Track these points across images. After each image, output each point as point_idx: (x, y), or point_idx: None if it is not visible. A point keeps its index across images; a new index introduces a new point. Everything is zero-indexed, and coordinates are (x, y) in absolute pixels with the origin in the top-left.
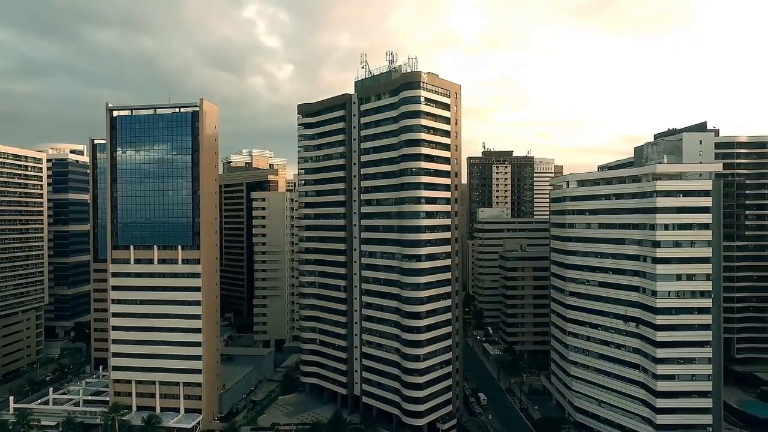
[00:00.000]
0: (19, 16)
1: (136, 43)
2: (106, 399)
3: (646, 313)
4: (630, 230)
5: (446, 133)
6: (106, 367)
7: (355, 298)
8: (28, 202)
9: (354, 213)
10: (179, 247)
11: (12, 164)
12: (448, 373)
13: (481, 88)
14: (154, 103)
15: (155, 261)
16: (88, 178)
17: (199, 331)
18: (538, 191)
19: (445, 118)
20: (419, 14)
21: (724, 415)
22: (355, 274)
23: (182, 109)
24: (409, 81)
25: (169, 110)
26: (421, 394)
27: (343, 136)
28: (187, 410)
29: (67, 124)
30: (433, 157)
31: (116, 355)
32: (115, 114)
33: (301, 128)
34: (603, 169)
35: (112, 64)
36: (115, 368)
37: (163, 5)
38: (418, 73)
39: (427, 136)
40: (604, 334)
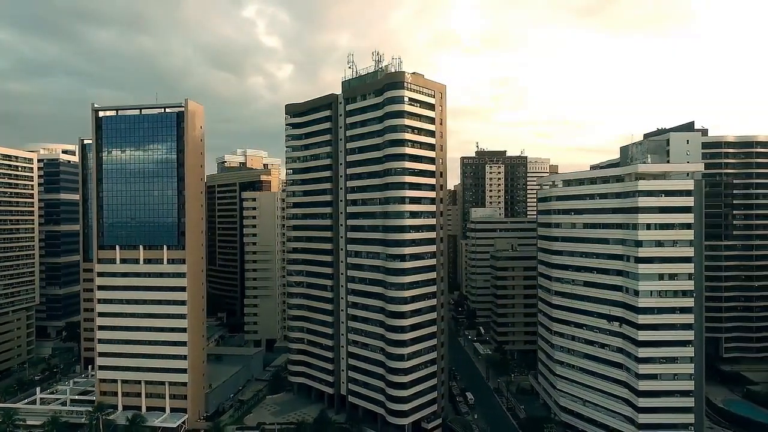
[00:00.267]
0: (19, 16)
1: (136, 43)
2: (93, 399)
3: (629, 312)
4: (613, 230)
5: (431, 133)
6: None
7: (341, 298)
8: (18, 202)
9: (341, 213)
10: (164, 247)
11: (2, 164)
12: (433, 373)
13: (481, 88)
14: (143, 103)
15: (141, 261)
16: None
17: (184, 331)
18: (531, 191)
19: (430, 118)
20: (419, 14)
21: (710, 415)
22: (341, 274)
23: (168, 110)
24: (393, 81)
25: (154, 110)
26: (406, 394)
27: (330, 136)
28: (172, 409)
29: (67, 124)
30: (418, 157)
31: (102, 355)
32: (101, 114)
33: (289, 128)
34: (595, 169)
35: (112, 64)
36: (101, 368)
37: (163, 5)
38: (402, 73)
39: (411, 136)
40: (589, 333)
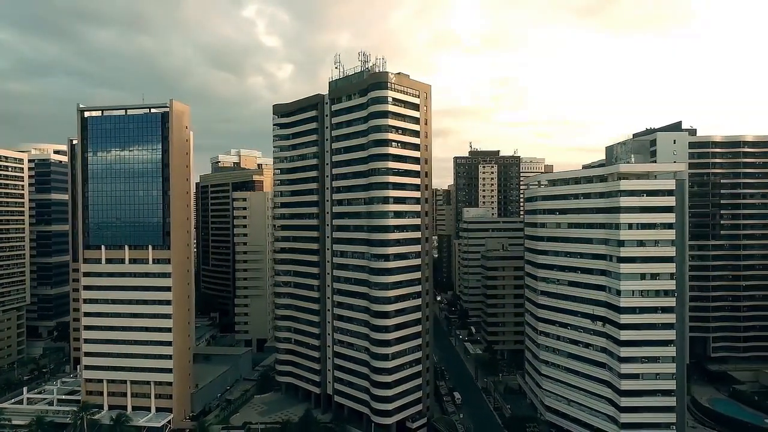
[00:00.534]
0: (19, 16)
1: (136, 43)
2: (80, 398)
3: (612, 312)
4: (597, 230)
5: (415, 133)
6: None
7: (328, 298)
8: (8, 202)
9: (327, 213)
10: (150, 246)
11: None
12: (418, 372)
13: (481, 88)
14: (134, 103)
15: (126, 261)
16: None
17: (169, 331)
18: (525, 191)
19: (414, 118)
20: (419, 14)
21: (696, 414)
22: (328, 274)
23: (153, 110)
24: (377, 81)
25: (140, 111)
26: (390, 393)
27: (317, 137)
28: (158, 409)
29: (67, 125)
30: (402, 157)
31: (88, 355)
32: (86, 114)
33: (277, 128)
34: (587, 169)
35: (112, 64)
36: (87, 367)
37: (163, 5)
38: (386, 74)
39: (395, 136)
40: (574, 333)
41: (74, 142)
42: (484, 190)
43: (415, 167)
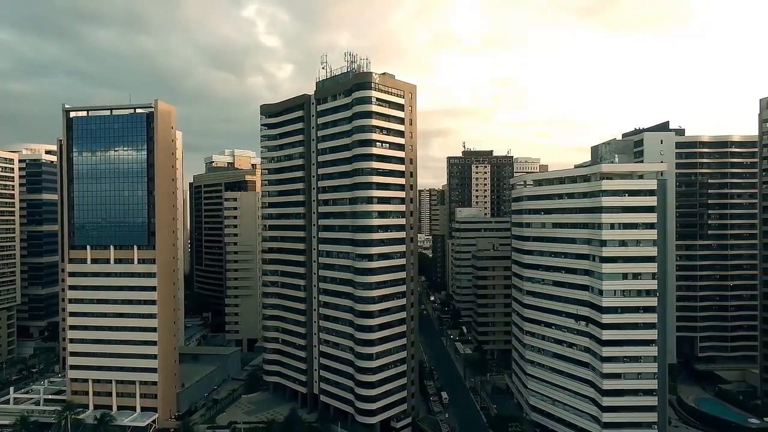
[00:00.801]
0: (19, 16)
1: (136, 43)
2: (66, 398)
3: (594, 311)
4: (580, 229)
5: (400, 134)
6: None
7: (314, 298)
8: None
9: (313, 213)
10: (135, 247)
11: None
12: (403, 372)
13: (481, 88)
14: (119, 104)
15: (111, 261)
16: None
17: (154, 330)
18: None
19: (399, 119)
20: (419, 14)
21: (681, 414)
22: (314, 274)
23: (138, 110)
24: (360, 82)
25: (126, 111)
26: (373, 393)
27: (303, 137)
28: (143, 409)
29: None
30: (387, 157)
31: (74, 354)
32: (72, 115)
33: (264, 129)
34: (572, 168)
35: (112, 64)
36: (72, 367)
37: (163, 5)
38: (369, 74)
39: (379, 136)
40: (558, 333)
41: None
42: (477, 190)
43: (400, 167)
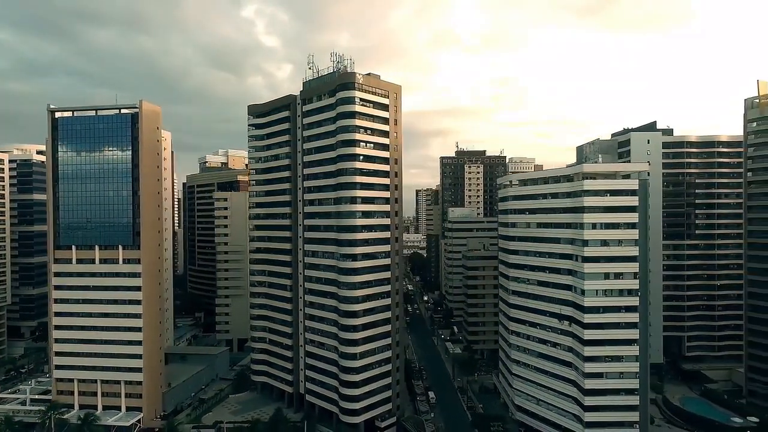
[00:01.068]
0: (19, 16)
1: (136, 43)
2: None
3: (577, 311)
4: (564, 229)
5: (385, 134)
6: None
7: (300, 298)
8: None
9: (299, 213)
10: (120, 247)
11: None
12: (387, 372)
13: (481, 88)
14: (106, 104)
15: (97, 261)
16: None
17: (139, 330)
18: None
19: (384, 119)
20: (419, 14)
21: (666, 413)
22: (300, 274)
23: (123, 111)
24: (344, 82)
25: (110, 112)
26: (357, 392)
27: (289, 137)
28: (128, 408)
29: None
30: (371, 157)
31: (59, 354)
32: (57, 115)
33: (252, 129)
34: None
35: (112, 64)
36: (58, 367)
37: (162, 5)
38: (353, 74)
39: (363, 136)
40: (543, 332)
41: None
42: (470, 190)
43: (385, 167)
